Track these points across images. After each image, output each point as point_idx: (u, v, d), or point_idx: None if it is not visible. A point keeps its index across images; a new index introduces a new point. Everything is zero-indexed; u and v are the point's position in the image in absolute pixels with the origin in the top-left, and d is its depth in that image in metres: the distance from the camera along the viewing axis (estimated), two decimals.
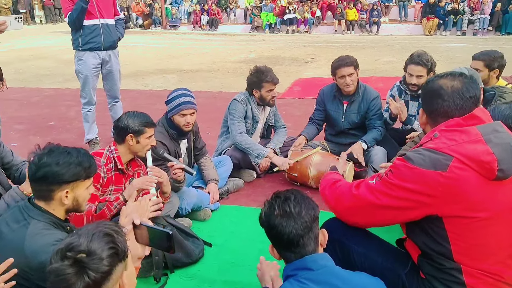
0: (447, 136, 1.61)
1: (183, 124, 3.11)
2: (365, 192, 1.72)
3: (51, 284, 1.22)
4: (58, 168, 1.75)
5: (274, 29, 18.54)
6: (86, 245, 1.22)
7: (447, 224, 1.60)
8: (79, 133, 5.27)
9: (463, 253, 1.61)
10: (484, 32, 16.45)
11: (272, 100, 3.82)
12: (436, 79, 1.75)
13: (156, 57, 12.03)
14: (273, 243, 1.58)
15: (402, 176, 1.62)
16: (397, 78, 8.04)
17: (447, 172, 1.54)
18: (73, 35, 4.29)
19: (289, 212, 1.50)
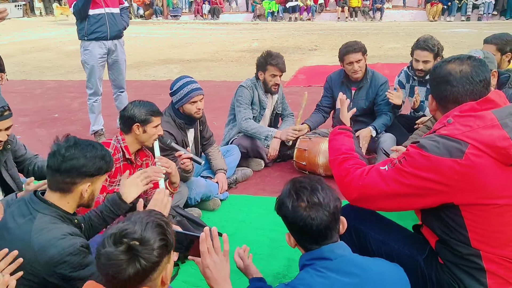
0: (462, 122, 1.55)
1: (194, 112, 3.08)
2: (376, 179, 1.65)
3: (101, 266, 1.24)
4: (85, 161, 1.73)
5: (277, 17, 18.39)
6: (140, 233, 1.24)
7: (463, 211, 1.55)
8: (84, 125, 5.25)
9: (481, 240, 1.57)
10: (488, 17, 16.27)
11: (275, 87, 3.77)
12: (444, 64, 1.68)
13: (158, 47, 11.96)
14: (297, 235, 1.51)
15: (416, 164, 1.56)
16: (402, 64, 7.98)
17: (463, 160, 1.49)
18: (78, 25, 4.24)
19: (318, 203, 1.44)
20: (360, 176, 1.70)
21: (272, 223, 2.95)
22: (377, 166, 1.70)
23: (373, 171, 1.68)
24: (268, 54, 3.76)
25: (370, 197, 1.68)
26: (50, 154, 1.75)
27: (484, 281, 1.58)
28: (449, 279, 1.65)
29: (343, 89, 3.90)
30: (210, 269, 1.49)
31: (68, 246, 1.62)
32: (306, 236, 1.47)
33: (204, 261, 1.50)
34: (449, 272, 1.65)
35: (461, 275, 1.62)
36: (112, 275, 1.22)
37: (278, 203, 1.55)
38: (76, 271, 1.63)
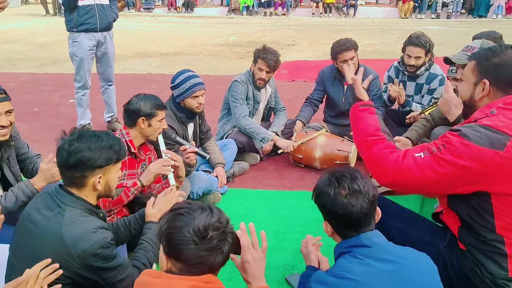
0: (506, 115, 1.59)
1: (195, 106, 3.05)
2: (411, 166, 1.66)
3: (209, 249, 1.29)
4: (90, 154, 1.68)
5: (252, 11, 18.37)
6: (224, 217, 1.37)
7: (494, 199, 1.61)
8: (68, 119, 5.10)
9: (506, 228, 1.64)
10: (457, 15, 16.81)
11: (259, 81, 3.77)
12: (509, 50, 1.70)
13: (132, 40, 11.72)
14: (336, 223, 1.55)
15: (457, 152, 1.59)
16: (380, 60, 8.24)
17: (504, 152, 1.54)
18: (66, 16, 4.12)
19: (359, 190, 1.49)
20: (396, 162, 1.71)
21: (275, 216, 2.98)
22: (412, 152, 1.71)
23: (409, 158, 1.69)
24: (263, 47, 3.76)
25: (405, 183, 1.71)
26: (57, 150, 1.72)
27: (505, 266, 1.66)
28: (471, 264, 1.72)
29: (336, 84, 3.97)
30: (250, 264, 1.50)
31: (100, 239, 1.62)
32: (345, 224, 1.51)
33: (244, 256, 1.50)
34: (471, 257, 1.72)
35: (483, 259, 1.69)
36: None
37: (317, 191, 1.58)
38: (106, 263, 1.65)
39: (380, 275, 1.40)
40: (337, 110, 4.03)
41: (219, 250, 1.29)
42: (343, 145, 3.58)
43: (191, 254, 1.26)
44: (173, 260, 1.29)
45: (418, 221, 1.90)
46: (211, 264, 1.28)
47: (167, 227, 1.29)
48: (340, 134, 3.87)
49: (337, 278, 1.44)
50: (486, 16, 16.63)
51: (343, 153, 3.53)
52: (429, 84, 3.85)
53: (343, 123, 4.02)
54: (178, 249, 1.26)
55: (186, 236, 1.25)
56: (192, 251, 1.25)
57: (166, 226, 1.29)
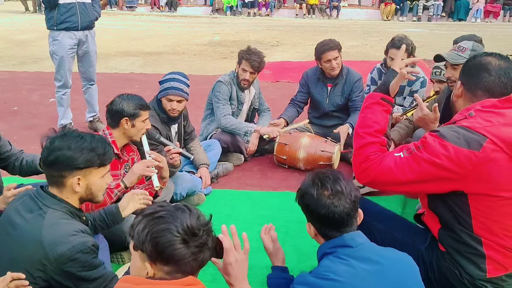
0: (483, 117, 1.64)
1: (168, 109, 3.04)
2: (391, 167, 1.70)
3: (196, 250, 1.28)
4: (70, 153, 1.66)
5: (235, 11, 18.34)
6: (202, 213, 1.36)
7: (471, 200, 1.65)
8: (48, 118, 5.02)
9: (483, 228, 1.67)
10: (438, 18, 17.10)
11: (244, 82, 3.77)
12: (484, 55, 1.77)
13: (115, 39, 11.57)
14: (319, 223, 1.56)
15: (434, 151, 1.63)
16: (362, 61, 8.33)
17: (480, 152, 1.58)
18: (47, 13, 4.04)
19: (341, 191, 1.51)
20: (376, 162, 1.75)
21: (258, 217, 2.99)
22: (392, 152, 1.75)
23: (388, 158, 1.73)
24: (247, 48, 3.76)
25: (384, 182, 1.75)
26: (41, 147, 1.71)
27: (483, 267, 1.69)
28: (450, 265, 1.75)
29: (320, 86, 4.00)
30: (232, 266, 1.49)
31: (79, 243, 1.58)
32: (328, 224, 1.53)
33: (227, 258, 1.49)
34: (450, 259, 1.75)
35: (461, 260, 1.73)
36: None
37: (301, 193, 1.59)
38: (84, 271, 1.59)
39: (363, 275, 1.42)
40: (321, 111, 4.06)
41: (207, 245, 1.28)
42: (327, 146, 3.60)
43: (183, 253, 1.23)
44: (161, 265, 1.25)
45: (399, 223, 1.93)
46: (201, 261, 1.27)
47: (150, 232, 1.24)
48: (324, 135, 3.90)
49: (321, 279, 1.45)
50: (465, 20, 16.96)
51: (327, 154, 3.55)
52: (411, 86, 3.91)
53: (327, 124, 4.05)
54: (168, 251, 1.23)
55: (176, 236, 1.23)
56: (184, 250, 1.23)
57: (147, 232, 1.24)
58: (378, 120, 1.85)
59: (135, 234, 1.27)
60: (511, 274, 1.72)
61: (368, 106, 1.91)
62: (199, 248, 1.25)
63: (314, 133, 3.95)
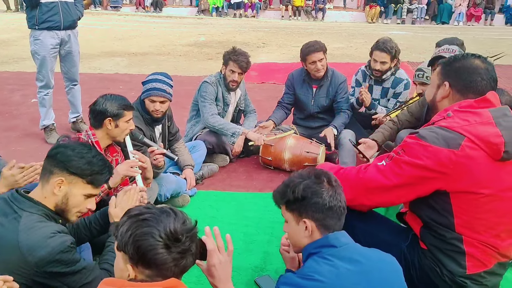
0: (461, 117, 1.69)
1: (151, 110, 3.01)
2: (375, 174, 1.75)
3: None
4: (70, 153, 1.70)
5: (221, 12, 18.31)
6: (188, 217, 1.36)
7: (453, 198, 1.69)
8: (30, 119, 4.94)
9: (465, 225, 1.71)
10: (421, 21, 17.35)
11: (232, 83, 3.76)
12: (469, 58, 1.81)
13: (99, 39, 11.45)
14: (322, 213, 1.56)
15: (414, 153, 1.67)
16: (347, 63, 8.39)
17: (459, 151, 1.62)
18: (28, 12, 3.96)
19: (336, 185, 1.58)
20: (358, 173, 1.80)
21: (244, 218, 2.98)
22: (375, 162, 1.80)
23: (371, 167, 1.78)
24: (233, 49, 3.76)
25: (369, 191, 1.78)
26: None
27: (463, 264, 1.73)
28: (431, 263, 1.78)
29: (305, 87, 4.01)
30: (216, 268, 1.49)
31: (58, 244, 1.57)
32: (331, 214, 1.56)
33: (210, 260, 1.48)
34: (432, 257, 1.78)
35: (442, 258, 1.76)
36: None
37: (302, 186, 1.58)
38: (68, 267, 1.60)
39: (347, 275, 1.43)
40: (306, 112, 4.07)
41: (190, 251, 1.27)
42: (312, 147, 3.62)
43: (164, 258, 1.22)
44: (142, 268, 1.24)
45: (381, 222, 1.96)
46: (183, 267, 1.26)
47: (132, 234, 1.23)
48: (309, 136, 3.91)
49: (305, 280, 1.45)
50: (448, 23, 17.24)
51: (312, 155, 3.57)
52: (395, 88, 3.95)
53: (312, 125, 4.07)
54: (150, 255, 1.21)
55: (158, 241, 1.21)
56: (165, 255, 1.22)
57: (130, 234, 1.23)
58: (334, 165, 2.09)
59: (118, 235, 1.25)
60: (490, 271, 1.77)
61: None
62: (181, 254, 1.25)
63: (299, 134, 3.96)
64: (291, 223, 1.64)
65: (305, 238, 1.59)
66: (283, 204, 1.65)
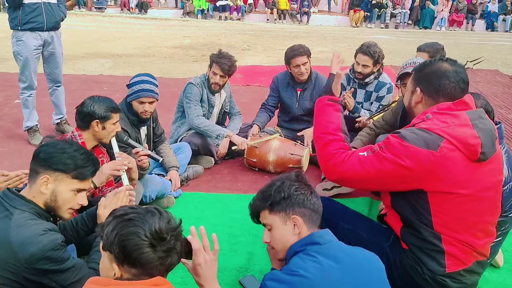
0: (439, 119, 1.75)
1: (140, 112, 3.02)
2: (355, 164, 1.80)
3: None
4: (51, 150, 1.71)
5: (207, 15, 18.33)
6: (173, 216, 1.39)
7: (431, 198, 1.74)
8: (13, 120, 4.88)
9: (443, 224, 1.77)
10: (404, 25, 17.62)
11: (214, 85, 3.79)
12: (438, 62, 1.86)
13: (84, 40, 11.35)
14: (304, 212, 1.67)
15: (395, 151, 1.73)
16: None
17: (437, 152, 1.68)
18: (10, 13, 3.92)
19: (311, 185, 1.69)
20: (342, 162, 1.84)
21: (228, 220, 3.00)
22: (357, 152, 1.84)
23: (353, 157, 1.83)
24: (218, 52, 3.78)
25: (349, 180, 1.87)
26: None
27: (443, 262, 1.78)
28: (412, 262, 1.83)
29: (289, 90, 4.06)
30: (201, 267, 1.51)
31: (49, 242, 1.58)
32: (312, 209, 1.67)
33: (196, 259, 1.51)
34: (413, 256, 1.83)
35: (423, 257, 1.81)
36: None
37: (285, 185, 1.67)
38: (57, 265, 1.61)
39: (331, 272, 1.47)
40: (290, 115, 4.12)
41: (175, 250, 1.30)
42: (296, 149, 3.66)
43: (149, 257, 1.24)
44: (128, 267, 1.26)
45: (364, 222, 2.02)
46: (168, 265, 1.29)
47: (118, 234, 1.25)
48: (293, 138, 3.96)
49: (290, 276, 1.48)
50: (430, 28, 17.54)
51: (296, 157, 3.61)
52: (378, 92, 4.02)
53: (296, 128, 4.11)
54: (135, 254, 1.23)
55: (143, 240, 1.23)
56: (151, 254, 1.24)
57: (116, 234, 1.25)
58: (332, 120, 1.98)
59: (104, 235, 1.27)
60: (469, 269, 1.82)
61: (319, 109, 2.04)
62: (166, 252, 1.27)
63: (284, 136, 4.01)
64: (277, 226, 1.67)
65: (293, 237, 1.64)
66: (267, 208, 1.69)
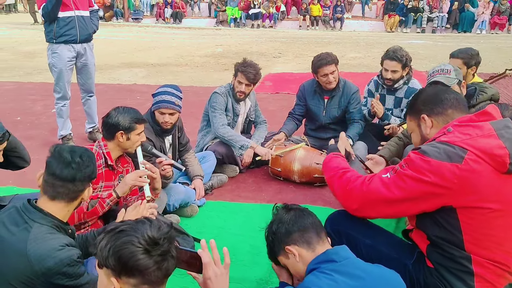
0: (461, 131, 1.67)
1: (161, 122, 3.07)
2: (378, 187, 1.73)
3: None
4: (93, 167, 1.83)
5: (239, 23, 18.50)
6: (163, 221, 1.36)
7: (460, 214, 1.65)
8: (49, 129, 5.08)
9: (474, 242, 1.67)
10: (442, 29, 17.11)
11: (239, 94, 3.80)
12: (424, 90, 1.99)
13: (120, 50, 11.72)
14: (295, 238, 1.64)
15: (418, 168, 1.65)
16: (364, 73, 8.34)
17: (462, 165, 1.60)
18: (46, 27, 4.11)
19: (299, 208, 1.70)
20: (362, 184, 1.79)
21: (251, 230, 2.99)
22: (379, 174, 1.79)
23: (375, 179, 1.77)
24: (243, 61, 3.80)
25: (373, 203, 1.77)
26: (63, 165, 1.74)
27: (472, 284, 1.68)
28: (437, 282, 1.74)
29: (316, 98, 4.01)
30: (211, 281, 1.49)
31: (66, 257, 1.60)
32: (302, 231, 1.66)
33: (206, 273, 1.49)
34: (438, 275, 1.74)
35: (450, 278, 1.72)
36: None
37: (269, 231, 1.77)
38: (72, 281, 1.63)
39: None
40: (317, 123, 4.07)
41: (170, 254, 1.29)
42: (322, 159, 3.56)
43: (146, 263, 1.23)
44: (126, 278, 1.25)
45: (386, 238, 1.93)
46: (166, 270, 1.28)
47: (112, 246, 1.25)
48: (320, 147, 3.90)
49: None
50: (470, 31, 16.95)
51: (322, 167, 3.54)
52: (408, 98, 3.90)
53: (323, 136, 4.06)
54: (131, 262, 1.23)
55: (138, 247, 1.23)
56: (147, 260, 1.23)
57: (109, 247, 1.25)
58: (340, 162, 2.09)
59: (98, 252, 1.27)
60: None
61: (326, 162, 2.18)
62: (162, 256, 1.26)
63: (310, 145, 3.96)
64: (285, 263, 1.73)
65: (299, 264, 1.63)
66: (270, 258, 1.81)
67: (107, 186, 2.54)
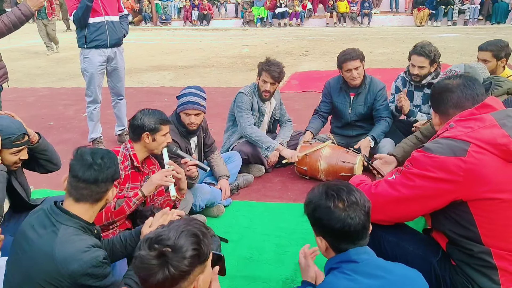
0: (463, 125, 1.68)
1: (187, 123, 3.10)
2: (385, 188, 1.75)
3: (135, 268, 1.31)
4: (115, 168, 1.85)
5: (266, 23, 18.50)
6: (173, 241, 1.28)
7: (472, 207, 1.64)
8: (81, 132, 5.23)
9: (491, 235, 1.64)
10: (474, 21, 16.56)
11: (265, 94, 3.79)
12: (444, 79, 1.91)
13: (148, 53, 11.94)
14: (332, 237, 1.52)
15: (422, 165, 1.66)
16: (393, 69, 8.18)
17: (466, 157, 1.60)
18: (78, 33, 4.24)
19: (355, 202, 1.48)
20: (369, 188, 1.81)
21: (277, 229, 2.99)
22: (385, 177, 1.81)
23: (381, 182, 1.79)
24: (266, 60, 3.79)
25: (381, 206, 1.77)
26: (85, 167, 1.76)
27: (496, 279, 1.65)
28: (463, 280, 1.71)
29: (342, 95, 3.97)
30: None
31: (91, 259, 1.64)
32: (342, 237, 1.49)
33: None
34: (462, 273, 1.71)
35: (473, 274, 1.69)
36: (143, 278, 1.27)
37: (312, 206, 1.54)
38: (99, 281, 1.66)
39: None
40: (343, 121, 4.03)
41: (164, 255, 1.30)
42: (348, 157, 3.56)
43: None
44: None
45: (411, 235, 1.91)
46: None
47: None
48: (346, 145, 3.86)
49: None
50: (504, 22, 16.34)
51: (348, 165, 3.51)
52: None
53: (350, 134, 4.02)
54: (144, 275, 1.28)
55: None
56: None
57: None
58: (356, 178, 2.10)
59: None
60: None
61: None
62: (134, 272, 1.33)
63: (336, 143, 3.92)
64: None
65: (323, 252, 1.59)
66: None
67: (133, 187, 2.59)
